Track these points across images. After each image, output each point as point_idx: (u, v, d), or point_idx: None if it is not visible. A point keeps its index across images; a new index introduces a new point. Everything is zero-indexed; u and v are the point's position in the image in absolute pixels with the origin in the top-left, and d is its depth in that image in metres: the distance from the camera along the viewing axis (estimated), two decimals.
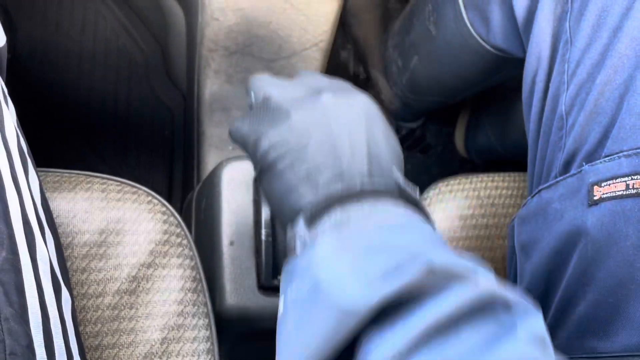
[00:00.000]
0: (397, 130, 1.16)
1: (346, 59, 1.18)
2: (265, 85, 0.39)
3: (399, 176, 0.36)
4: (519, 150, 1.03)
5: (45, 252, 0.38)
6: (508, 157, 1.08)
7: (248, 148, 0.38)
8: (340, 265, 0.30)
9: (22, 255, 0.35)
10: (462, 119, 1.15)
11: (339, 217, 0.33)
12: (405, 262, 0.29)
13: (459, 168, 1.18)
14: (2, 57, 0.46)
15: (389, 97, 1.09)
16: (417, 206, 0.35)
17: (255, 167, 0.37)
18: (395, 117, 1.14)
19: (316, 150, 0.35)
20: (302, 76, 0.42)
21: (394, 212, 0.33)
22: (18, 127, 0.42)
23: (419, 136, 1.17)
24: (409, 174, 1.16)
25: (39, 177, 0.43)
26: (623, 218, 0.41)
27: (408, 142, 1.16)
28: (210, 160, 0.86)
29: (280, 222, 0.38)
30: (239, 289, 0.61)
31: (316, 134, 0.35)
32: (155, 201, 0.55)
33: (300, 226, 0.34)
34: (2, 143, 0.38)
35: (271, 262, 0.63)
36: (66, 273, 0.43)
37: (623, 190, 0.41)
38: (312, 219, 0.34)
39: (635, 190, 0.41)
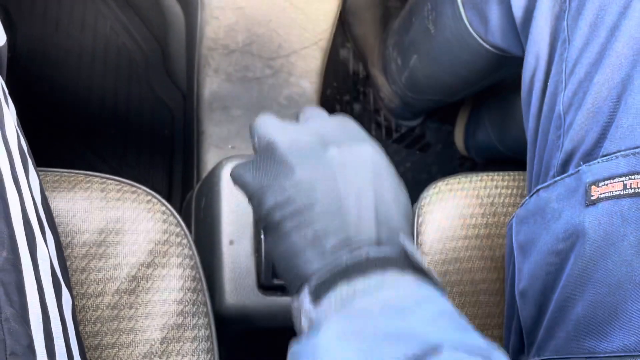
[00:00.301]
0: (397, 128, 1.16)
1: (346, 58, 1.18)
2: (270, 130, 0.38)
3: (406, 241, 0.35)
4: (518, 149, 1.03)
5: (46, 251, 0.38)
6: (508, 156, 1.08)
7: (252, 200, 0.37)
8: (347, 355, 0.29)
9: (22, 255, 0.35)
10: (461, 117, 1.15)
11: (344, 293, 0.32)
12: (415, 353, 0.28)
13: (458, 166, 1.18)
14: (3, 56, 0.46)
15: (389, 96, 1.09)
16: (424, 272, 0.34)
17: (259, 222, 0.37)
18: (395, 115, 1.14)
19: (323, 211, 0.34)
20: (307, 116, 0.40)
21: (401, 286, 0.33)
22: (18, 126, 0.43)
23: (419, 134, 1.17)
24: (408, 172, 1.16)
25: (39, 176, 0.43)
26: (621, 218, 0.41)
27: (407, 140, 1.17)
28: (210, 159, 0.86)
29: (286, 284, 0.37)
30: (238, 288, 0.61)
31: (322, 194, 0.34)
32: (155, 200, 0.55)
33: (305, 298, 0.34)
34: (2, 142, 0.38)
35: (271, 261, 0.63)
36: (66, 273, 0.43)
37: (620, 190, 0.41)
38: (317, 291, 0.33)
39: (632, 190, 0.41)
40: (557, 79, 0.51)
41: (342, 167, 0.35)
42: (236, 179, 0.38)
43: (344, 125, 0.39)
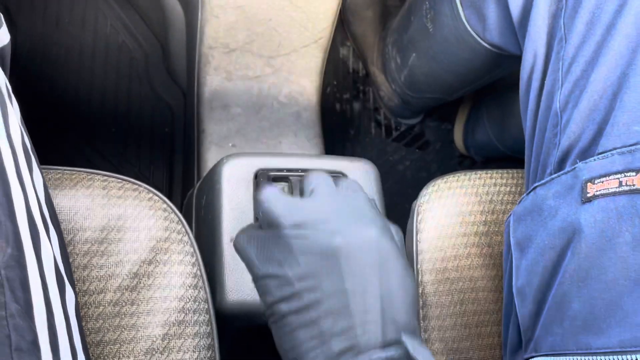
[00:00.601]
0: (396, 127, 1.17)
1: (346, 56, 1.18)
2: (274, 207, 0.37)
3: (409, 342, 0.35)
4: (518, 147, 1.03)
5: (50, 249, 0.39)
6: (507, 154, 1.09)
7: (255, 283, 0.37)
8: None
9: (27, 251, 0.36)
10: (461, 115, 1.16)
11: None
12: None
13: (457, 164, 1.19)
14: (6, 54, 0.46)
15: (388, 94, 1.10)
16: None
17: (264, 309, 0.37)
18: (394, 113, 1.14)
19: (329, 310, 0.34)
20: (312, 187, 0.39)
21: None
22: (22, 124, 0.43)
23: (418, 133, 1.17)
24: (407, 170, 1.16)
25: (42, 174, 0.43)
26: (616, 215, 0.41)
27: (407, 138, 1.17)
28: (210, 157, 0.87)
29: None
30: (239, 285, 0.62)
31: (329, 291, 0.35)
32: (156, 198, 0.55)
33: None
34: (7, 140, 0.38)
35: None
36: (70, 270, 0.43)
37: (616, 188, 0.42)
38: None
39: (628, 187, 0.41)
40: (554, 77, 0.51)
41: (348, 259, 0.35)
42: (239, 251, 0.38)
43: (350, 201, 0.39)
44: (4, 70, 0.44)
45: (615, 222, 0.41)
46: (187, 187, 0.95)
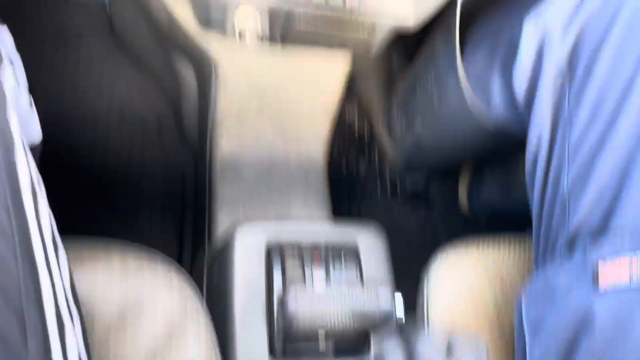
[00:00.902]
0: (402, 186, 1.18)
1: (351, 117, 1.20)
2: None
3: None
4: (522, 208, 1.04)
5: (74, 339, 0.39)
6: (512, 212, 1.09)
7: None
8: None
9: (53, 345, 0.36)
10: (464, 175, 1.17)
11: None
12: None
13: (463, 222, 1.19)
14: (37, 152, 0.47)
15: (393, 155, 1.11)
16: None
17: None
18: (399, 174, 1.15)
19: None
20: None
21: None
22: (49, 209, 0.44)
23: (423, 192, 1.18)
24: (412, 230, 1.16)
25: (68, 258, 0.44)
26: (629, 305, 0.42)
27: (412, 198, 1.18)
28: (221, 220, 0.87)
29: None
30: (251, 356, 0.62)
31: None
32: (173, 274, 0.56)
33: None
34: (38, 231, 0.39)
35: (282, 327, 0.64)
36: (90, 357, 0.43)
37: (627, 284, 0.42)
38: None
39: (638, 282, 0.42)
40: (560, 159, 0.52)
41: None
42: None
43: None
44: (35, 161, 0.45)
45: (628, 311, 0.42)
46: (197, 248, 0.96)
